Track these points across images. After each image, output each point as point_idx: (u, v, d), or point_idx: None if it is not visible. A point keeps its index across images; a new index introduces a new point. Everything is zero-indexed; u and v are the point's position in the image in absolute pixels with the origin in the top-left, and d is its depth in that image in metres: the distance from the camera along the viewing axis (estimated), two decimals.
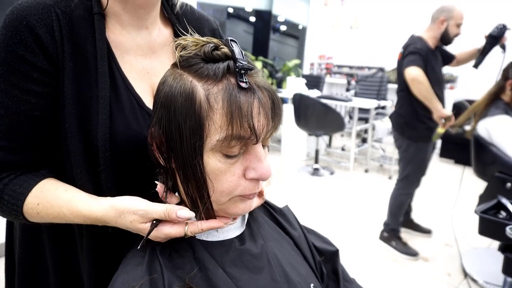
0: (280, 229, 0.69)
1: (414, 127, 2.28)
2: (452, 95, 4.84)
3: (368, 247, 2.51)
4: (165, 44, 0.70)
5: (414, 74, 2.10)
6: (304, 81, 4.76)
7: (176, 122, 0.48)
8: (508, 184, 1.89)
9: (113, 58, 0.61)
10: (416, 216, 2.82)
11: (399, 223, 2.50)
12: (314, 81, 5.31)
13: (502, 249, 1.79)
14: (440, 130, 2.21)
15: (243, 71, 0.47)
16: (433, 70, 2.19)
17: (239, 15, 6.96)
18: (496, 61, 2.16)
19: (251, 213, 0.65)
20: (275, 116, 0.50)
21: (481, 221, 1.70)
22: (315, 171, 4.06)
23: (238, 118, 0.46)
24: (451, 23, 2.13)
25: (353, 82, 4.44)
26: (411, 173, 2.39)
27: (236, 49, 0.49)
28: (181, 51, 0.50)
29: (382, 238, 2.55)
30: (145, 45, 0.66)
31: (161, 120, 0.50)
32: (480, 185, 2.19)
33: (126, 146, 0.59)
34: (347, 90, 4.32)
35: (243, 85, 0.47)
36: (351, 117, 4.62)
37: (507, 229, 1.55)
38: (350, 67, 6.62)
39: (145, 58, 0.66)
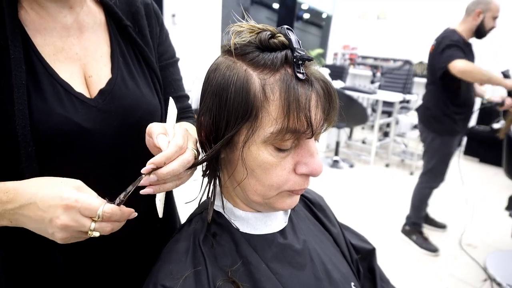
0: (320, 225, 0.67)
1: (440, 120, 2.26)
2: None
3: (387, 243, 2.48)
4: (95, 22, 0.64)
5: (460, 66, 2.02)
6: (327, 71, 4.67)
7: (228, 112, 0.46)
8: None
9: (29, 42, 0.55)
10: (439, 215, 2.77)
11: (420, 216, 2.50)
12: (337, 72, 5.21)
13: None
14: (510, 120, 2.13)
15: (301, 62, 0.45)
16: None
17: (262, 1, 6.86)
18: None
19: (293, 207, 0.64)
20: (331, 110, 0.48)
21: None
22: (335, 163, 4.01)
23: (295, 111, 0.44)
24: (487, 15, 2.07)
25: (378, 74, 4.33)
26: (435, 167, 2.38)
27: (293, 37, 0.47)
28: (235, 38, 0.48)
29: (403, 231, 2.55)
30: (72, 25, 0.60)
31: (212, 109, 0.48)
32: (504, 184, 2.11)
33: (51, 136, 0.53)
34: (372, 82, 4.22)
35: (301, 76, 0.45)
36: (374, 110, 4.53)
37: None
38: (375, 59, 6.45)
39: (73, 38, 0.60)
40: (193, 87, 4.26)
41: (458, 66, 2.02)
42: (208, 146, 0.51)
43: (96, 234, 0.46)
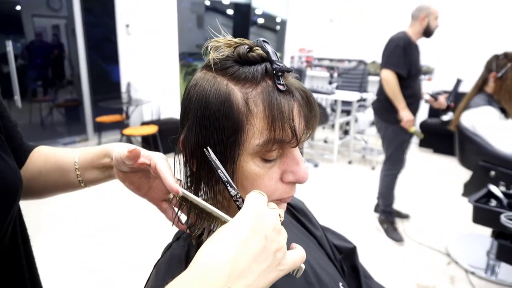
0: (304, 229, 0.69)
1: (389, 111, 2.48)
2: (429, 87, 4.98)
3: (357, 236, 2.56)
4: None
5: (385, 76, 2.40)
6: None
7: (212, 128, 0.46)
8: (492, 172, 1.97)
9: None
10: (399, 204, 2.91)
11: (388, 204, 2.68)
12: None
13: (495, 236, 1.87)
14: (412, 130, 2.44)
15: (280, 74, 0.46)
16: (414, 62, 2.42)
17: (216, 8, 6.87)
18: (471, 56, 2.34)
19: None
20: (312, 117, 0.49)
21: (476, 210, 1.76)
22: None
23: (280, 122, 0.44)
24: (431, 18, 2.38)
25: (335, 75, 4.48)
26: (392, 154, 2.61)
27: (270, 50, 0.47)
28: (214, 53, 0.48)
29: (378, 219, 2.78)
30: None
31: (195, 127, 0.47)
32: (458, 172, 2.26)
33: None
34: (330, 83, 4.36)
35: (281, 87, 0.45)
36: (333, 110, 4.67)
37: (502, 217, 1.61)
38: (331, 60, 6.67)
39: None
40: (152, 98, 4.16)
41: (385, 75, 2.40)
42: (194, 164, 0.50)
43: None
